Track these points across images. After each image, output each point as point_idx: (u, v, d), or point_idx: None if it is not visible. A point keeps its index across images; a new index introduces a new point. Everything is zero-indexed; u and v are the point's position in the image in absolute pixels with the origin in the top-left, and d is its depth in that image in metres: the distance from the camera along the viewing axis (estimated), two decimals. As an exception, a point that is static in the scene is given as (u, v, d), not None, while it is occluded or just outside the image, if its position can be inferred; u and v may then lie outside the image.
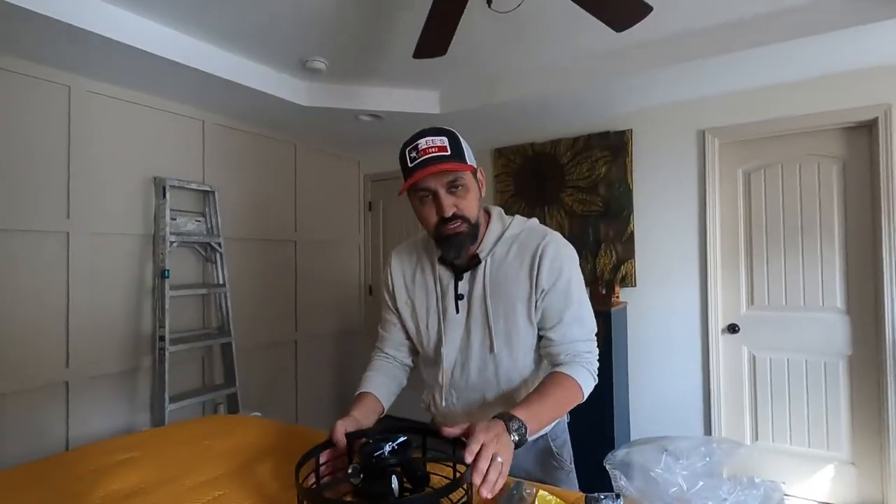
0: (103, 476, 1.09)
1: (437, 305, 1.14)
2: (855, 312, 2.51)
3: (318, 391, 3.73)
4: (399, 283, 1.20)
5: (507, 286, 1.07)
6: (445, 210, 1.01)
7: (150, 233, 2.64)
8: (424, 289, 1.16)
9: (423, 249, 1.19)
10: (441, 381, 1.15)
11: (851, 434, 2.51)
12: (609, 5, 1.62)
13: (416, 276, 1.18)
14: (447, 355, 1.13)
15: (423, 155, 1.00)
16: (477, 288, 1.09)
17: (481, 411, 1.12)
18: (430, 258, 1.17)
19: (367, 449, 0.85)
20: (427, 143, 1.01)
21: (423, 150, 1.01)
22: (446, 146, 1.01)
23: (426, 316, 1.15)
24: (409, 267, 1.20)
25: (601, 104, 2.91)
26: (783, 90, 2.59)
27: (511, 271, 1.08)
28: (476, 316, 1.10)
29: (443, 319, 1.13)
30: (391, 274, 1.21)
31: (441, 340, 1.13)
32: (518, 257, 1.08)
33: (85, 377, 2.37)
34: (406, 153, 1.04)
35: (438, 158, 0.99)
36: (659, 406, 2.90)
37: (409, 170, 1.02)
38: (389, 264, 1.22)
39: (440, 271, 1.14)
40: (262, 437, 1.35)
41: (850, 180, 2.53)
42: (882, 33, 2.03)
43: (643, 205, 2.97)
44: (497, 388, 1.12)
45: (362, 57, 2.52)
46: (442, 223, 1.03)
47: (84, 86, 2.38)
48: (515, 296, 1.07)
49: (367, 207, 4.16)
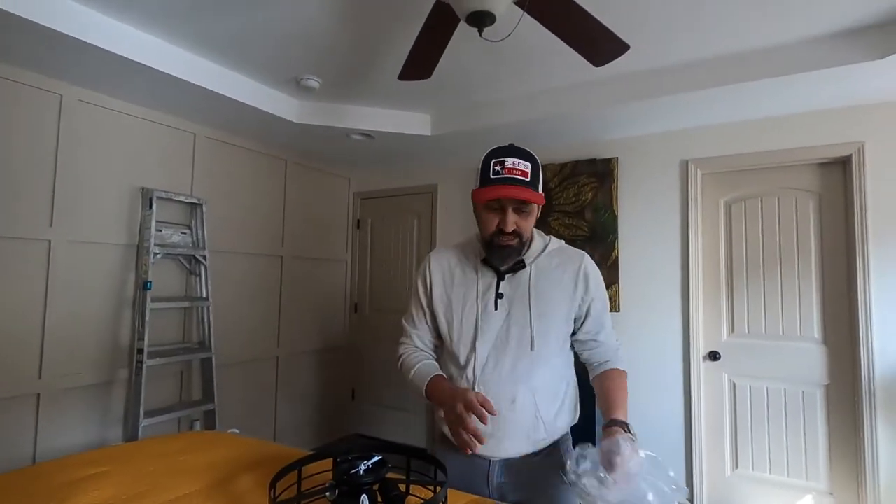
0: (73, 490, 1.06)
1: (475, 301, 1.20)
2: (831, 343, 2.56)
3: (299, 409, 3.66)
4: (438, 279, 1.27)
5: (551, 291, 1.19)
6: (507, 226, 1.12)
7: (135, 243, 2.61)
8: (464, 286, 1.23)
9: (465, 252, 1.29)
10: (472, 376, 1.18)
11: (829, 464, 2.54)
12: (589, 42, 1.71)
13: (455, 274, 1.26)
14: (481, 349, 1.18)
15: (508, 174, 1.10)
16: (521, 290, 1.19)
17: (509, 410, 1.15)
18: (472, 259, 1.26)
19: (343, 467, 0.85)
20: (514, 163, 1.11)
21: (508, 168, 1.11)
22: (528, 172, 1.12)
23: (462, 311, 1.21)
24: (449, 266, 1.28)
25: (588, 132, 2.99)
26: (763, 125, 2.69)
27: (555, 279, 1.21)
28: (517, 315, 1.18)
29: (481, 314, 1.19)
30: (430, 270, 1.28)
31: (477, 334, 1.18)
32: (561, 268, 1.22)
33: (57, 389, 2.30)
34: (491, 164, 1.13)
35: (519, 182, 1.11)
36: (640, 432, 2.89)
37: (490, 180, 1.12)
38: (428, 262, 1.30)
39: (483, 271, 1.23)
40: (239, 453, 1.33)
41: (825, 214, 2.62)
42: (857, 74, 2.13)
43: (628, 231, 3.02)
44: (528, 385, 1.16)
45: (356, 77, 2.56)
46: (499, 234, 1.14)
47: (76, 95, 2.38)
48: (559, 300, 1.19)
49: (355, 225, 4.17)
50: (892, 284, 2.38)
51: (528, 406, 1.15)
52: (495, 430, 1.14)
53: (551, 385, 1.19)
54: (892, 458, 2.35)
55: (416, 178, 3.87)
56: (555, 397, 1.20)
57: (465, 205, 3.60)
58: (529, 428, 1.16)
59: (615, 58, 1.78)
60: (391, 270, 3.99)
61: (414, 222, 3.91)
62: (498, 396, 1.14)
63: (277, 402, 3.48)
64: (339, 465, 0.85)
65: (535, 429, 1.16)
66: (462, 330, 1.20)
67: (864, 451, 2.40)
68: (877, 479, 2.36)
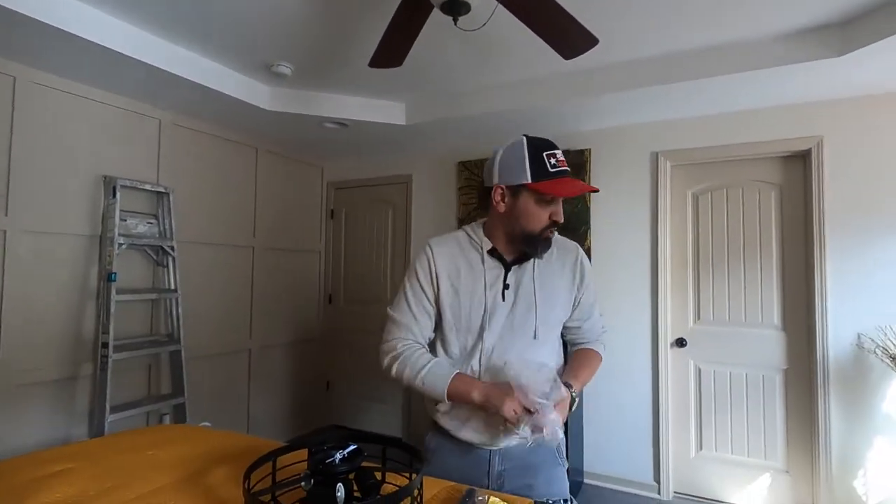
0: (35, 489, 1.03)
1: (483, 293, 1.20)
2: (790, 329, 2.68)
3: (273, 402, 3.62)
4: (443, 270, 1.22)
5: (552, 281, 1.23)
6: (561, 216, 1.16)
7: (98, 234, 2.52)
8: (470, 278, 1.21)
9: (467, 242, 1.26)
10: (477, 366, 1.18)
11: (786, 444, 2.67)
12: (560, 34, 1.73)
13: (460, 265, 1.23)
14: (488, 339, 1.18)
15: (563, 165, 1.13)
16: (526, 280, 1.21)
17: None
18: (478, 250, 1.24)
19: (319, 457, 0.84)
20: (563, 154, 1.16)
21: (561, 160, 1.14)
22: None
23: (470, 302, 1.20)
24: (453, 257, 1.24)
25: (562, 123, 3.02)
26: (729, 119, 2.77)
27: (555, 269, 1.24)
28: (522, 305, 1.20)
29: (490, 305, 1.19)
30: (434, 261, 1.22)
31: (484, 325, 1.18)
32: (559, 259, 1.26)
33: (17, 385, 2.21)
34: (545, 157, 1.12)
35: (572, 174, 1.16)
36: (611, 415, 2.99)
37: (553, 174, 1.11)
38: (431, 253, 1.23)
39: (489, 263, 1.22)
40: (211, 446, 1.31)
41: (786, 206, 2.73)
42: (818, 71, 2.21)
43: (600, 221, 3.08)
44: None
45: (329, 64, 2.52)
46: (550, 227, 1.16)
47: (31, 77, 2.26)
48: (559, 290, 1.23)
49: (329, 215, 4.12)
50: (847, 273, 2.50)
51: None
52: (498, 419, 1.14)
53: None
54: (844, 437, 2.49)
55: (390, 167, 3.84)
56: None
57: (441, 195, 3.60)
58: None
59: (585, 51, 1.81)
60: (365, 261, 3.96)
61: (388, 213, 3.89)
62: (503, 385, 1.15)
63: (251, 394, 3.43)
64: (314, 455, 0.85)
65: None
66: (470, 321, 1.20)
67: (819, 431, 2.53)
68: (829, 457, 2.50)
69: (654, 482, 2.88)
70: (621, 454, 2.95)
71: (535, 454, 1.19)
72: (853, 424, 2.47)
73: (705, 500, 2.80)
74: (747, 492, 2.71)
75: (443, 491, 1.03)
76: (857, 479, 2.46)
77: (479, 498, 0.96)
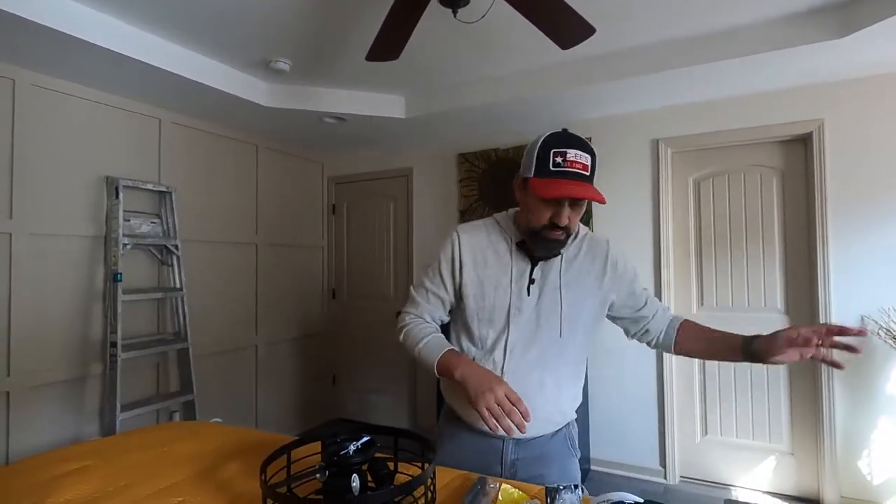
0: (54, 487, 1.04)
1: (509, 285, 1.18)
2: (793, 313, 2.69)
3: (280, 397, 3.65)
4: (468, 258, 1.21)
5: (580, 279, 1.19)
6: (562, 220, 1.08)
7: (102, 234, 2.53)
8: (497, 268, 1.19)
9: (497, 231, 1.23)
10: (500, 359, 1.17)
11: (791, 427, 2.69)
12: (557, 24, 1.72)
13: (487, 255, 1.21)
14: (512, 334, 1.17)
15: (570, 167, 1.05)
16: (552, 277, 1.18)
17: (535, 394, 1.14)
18: (506, 241, 1.21)
19: (333, 449, 0.86)
20: (576, 156, 1.05)
21: (570, 161, 1.05)
22: (588, 166, 1.07)
23: (494, 294, 1.18)
24: (480, 246, 1.22)
25: (562, 112, 3.01)
26: (730, 104, 2.76)
27: (584, 267, 1.20)
28: (547, 302, 1.17)
29: (514, 299, 1.17)
30: (460, 249, 1.21)
31: (510, 319, 1.17)
32: (589, 255, 1.21)
33: (28, 386, 2.24)
34: (552, 154, 1.06)
35: (581, 177, 1.05)
36: (616, 402, 3.01)
37: (552, 173, 1.05)
38: (457, 240, 1.22)
39: (517, 255, 1.19)
40: (223, 442, 1.33)
41: (788, 190, 2.72)
42: (819, 53, 2.20)
43: (602, 209, 3.08)
44: (555, 372, 1.17)
45: (327, 59, 2.51)
46: (550, 227, 1.10)
47: (30, 79, 2.26)
48: (588, 288, 1.19)
49: (330, 210, 4.12)
50: (850, 256, 2.51)
51: (552, 391, 1.17)
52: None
53: (573, 371, 1.22)
54: (848, 418, 2.51)
55: (390, 161, 3.83)
56: (574, 382, 1.23)
57: (442, 188, 3.60)
58: (552, 412, 1.18)
59: (582, 41, 1.81)
60: (368, 256, 3.97)
61: (390, 206, 3.89)
62: (525, 381, 1.15)
63: (258, 390, 3.46)
64: (328, 447, 0.86)
65: (556, 412, 1.19)
66: (493, 313, 1.17)
67: (823, 413, 2.55)
68: (834, 438, 2.52)
69: (660, 467, 2.91)
70: (627, 440, 2.98)
71: (549, 444, 1.20)
72: (857, 406, 2.49)
73: (711, 483, 2.82)
74: (753, 474, 2.74)
75: (455, 479, 1.05)
76: (861, 459, 2.48)
77: (490, 485, 0.98)
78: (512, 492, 0.96)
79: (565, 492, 0.87)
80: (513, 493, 0.95)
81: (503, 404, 1.00)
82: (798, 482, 2.65)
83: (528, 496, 0.94)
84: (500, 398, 1.00)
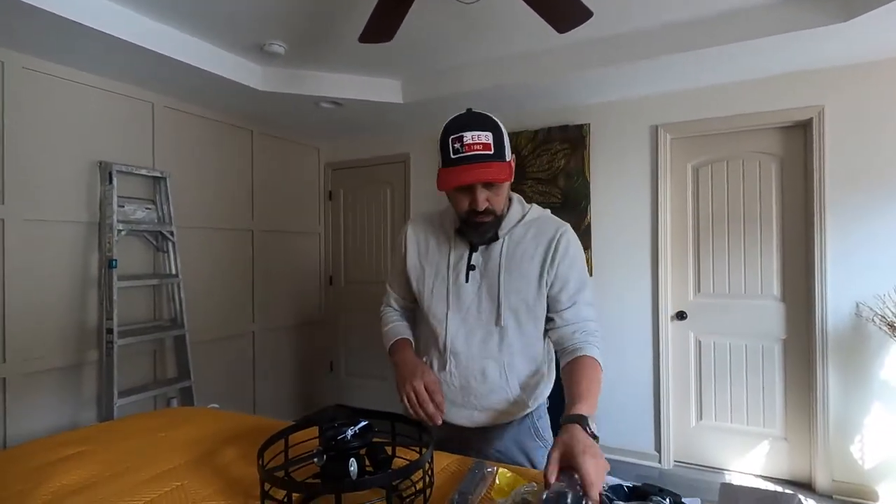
0: (51, 472, 1.04)
1: (447, 272, 1.18)
2: (789, 299, 2.70)
3: (277, 383, 3.66)
4: (413, 248, 1.25)
5: (523, 264, 1.14)
6: (479, 205, 1.06)
7: (96, 220, 2.50)
8: (437, 255, 1.21)
9: (441, 220, 1.25)
10: (442, 348, 1.18)
11: (785, 412, 2.72)
12: (553, 7, 1.69)
13: (430, 243, 1.23)
14: (452, 321, 1.16)
15: (468, 151, 1.01)
16: (492, 262, 1.15)
17: (479, 383, 1.16)
18: (447, 229, 1.22)
19: (330, 433, 0.86)
20: (473, 137, 1.01)
21: (467, 145, 1.01)
22: (490, 144, 1.02)
23: (434, 281, 1.20)
24: (425, 235, 1.25)
25: (561, 98, 2.98)
26: (729, 90, 2.74)
27: (527, 251, 1.14)
28: (487, 288, 1.15)
29: (452, 286, 1.17)
30: (406, 239, 1.26)
31: (448, 306, 1.17)
32: (535, 239, 1.15)
33: (24, 373, 2.23)
34: (450, 142, 1.03)
35: (482, 157, 1.01)
36: (612, 389, 3.03)
37: (451, 161, 1.03)
38: (406, 231, 1.28)
39: (456, 242, 1.19)
40: (220, 427, 1.33)
41: (786, 177, 2.71)
42: (820, 38, 2.17)
43: (600, 197, 3.07)
44: (498, 361, 1.15)
45: (323, 42, 2.47)
46: (472, 213, 1.08)
47: (20, 62, 2.22)
48: (529, 273, 1.13)
49: (327, 197, 4.10)
50: (847, 243, 2.51)
51: (498, 380, 1.15)
52: (465, 402, 1.17)
53: (524, 360, 1.17)
54: (841, 404, 2.53)
55: (387, 147, 3.80)
56: (527, 373, 1.17)
57: (439, 174, 3.57)
58: (500, 400, 1.16)
59: (579, 24, 1.78)
60: (365, 242, 3.96)
61: (387, 192, 3.87)
62: (468, 369, 1.16)
63: (255, 376, 3.46)
64: (326, 431, 0.86)
65: (504, 402, 1.16)
66: (434, 300, 1.19)
67: (816, 399, 2.57)
68: (827, 424, 2.55)
69: (655, 451, 2.94)
70: (623, 425, 3.00)
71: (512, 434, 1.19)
72: (850, 391, 2.51)
73: (705, 467, 2.86)
74: (746, 459, 2.77)
75: (452, 463, 1.05)
76: (853, 444, 2.51)
77: (487, 469, 0.98)
78: (510, 476, 0.96)
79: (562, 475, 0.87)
80: (510, 477, 0.95)
81: (419, 395, 1.04)
82: (791, 466, 2.69)
83: (525, 480, 0.94)
84: (418, 389, 1.04)
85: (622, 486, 0.86)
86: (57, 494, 0.95)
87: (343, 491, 0.77)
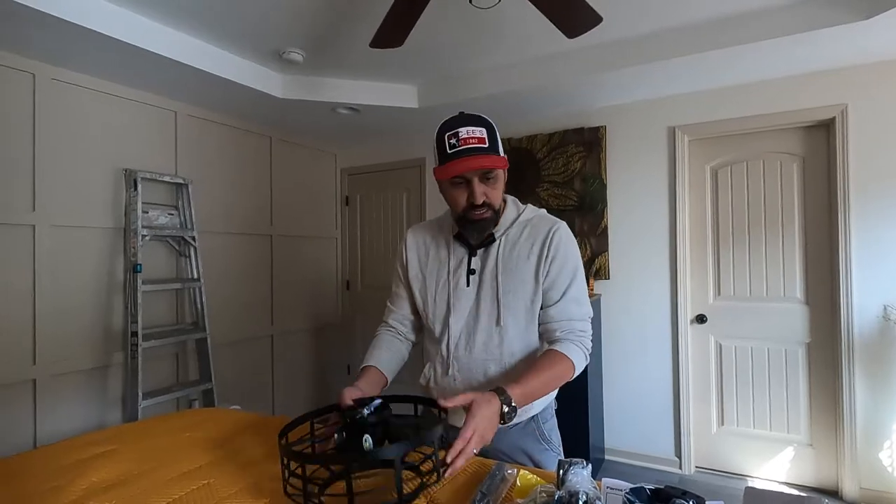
0: (82, 469, 1.07)
1: (447, 278, 1.20)
2: (813, 302, 2.64)
3: (296, 386, 3.70)
4: (413, 256, 1.27)
5: (518, 264, 1.16)
6: (477, 198, 1.09)
7: (121, 226, 2.57)
8: (437, 262, 1.23)
9: (440, 227, 1.27)
10: (445, 352, 1.19)
11: (810, 417, 2.65)
12: (563, 12, 1.70)
13: (430, 251, 1.26)
14: (454, 325, 1.18)
15: (464, 145, 1.06)
16: (489, 264, 1.17)
17: (482, 387, 1.15)
18: (446, 235, 1.24)
19: (348, 413, 0.93)
20: (468, 132, 1.07)
21: (463, 139, 1.07)
22: (485, 138, 1.08)
23: (436, 288, 1.22)
24: (424, 243, 1.27)
25: (576, 100, 2.98)
26: (748, 90, 2.70)
27: (523, 251, 1.16)
28: (486, 290, 1.16)
29: (453, 291, 1.19)
30: (406, 248, 1.29)
31: (450, 311, 1.18)
32: (529, 239, 1.17)
33: (53, 374, 2.30)
34: (445, 138, 1.08)
35: (477, 150, 1.06)
36: (631, 393, 3.00)
37: (448, 156, 1.08)
38: (405, 240, 1.30)
39: (455, 247, 1.22)
40: (243, 427, 1.35)
41: (809, 177, 2.67)
42: (842, 36, 2.14)
43: (616, 199, 3.05)
44: (500, 362, 1.16)
45: (340, 49, 2.51)
46: (471, 208, 1.11)
47: (49, 73, 2.30)
48: (526, 273, 1.15)
49: (343, 202, 4.14)
50: (872, 244, 2.45)
51: (500, 381, 1.12)
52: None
53: (526, 361, 1.16)
54: (869, 410, 2.47)
55: (403, 152, 3.83)
56: None
57: (454, 178, 3.58)
58: None
59: (588, 29, 1.79)
60: (382, 246, 3.99)
61: (403, 197, 3.90)
62: (470, 372, 1.16)
63: (274, 379, 3.51)
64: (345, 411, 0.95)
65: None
66: (436, 307, 1.21)
67: (843, 404, 2.51)
68: (854, 430, 2.49)
69: (675, 457, 2.90)
70: (642, 430, 2.97)
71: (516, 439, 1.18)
72: (878, 396, 2.45)
73: (727, 474, 2.81)
74: (770, 466, 2.72)
75: (472, 464, 1.05)
76: (882, 451, 2.44)
77: (508, 471, 0.98)
78: (530, 478, 0.96)
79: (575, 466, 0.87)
80: (531, 479, 0.95)
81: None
82: (817, 473, 2.62)
83: (546, 482, 0.94)
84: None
85: (644, 489, 0.86)
86: (89, 491, 0.98)
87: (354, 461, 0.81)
